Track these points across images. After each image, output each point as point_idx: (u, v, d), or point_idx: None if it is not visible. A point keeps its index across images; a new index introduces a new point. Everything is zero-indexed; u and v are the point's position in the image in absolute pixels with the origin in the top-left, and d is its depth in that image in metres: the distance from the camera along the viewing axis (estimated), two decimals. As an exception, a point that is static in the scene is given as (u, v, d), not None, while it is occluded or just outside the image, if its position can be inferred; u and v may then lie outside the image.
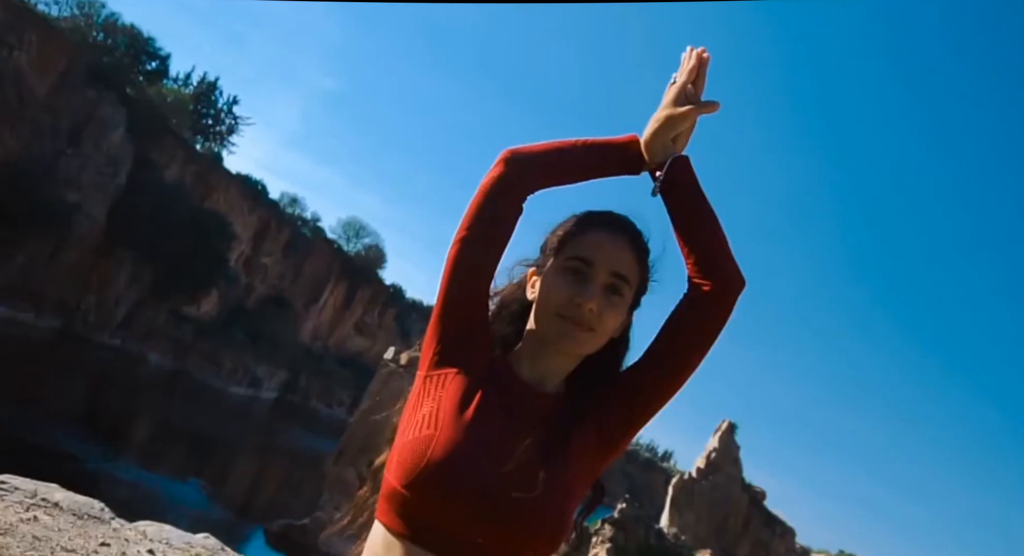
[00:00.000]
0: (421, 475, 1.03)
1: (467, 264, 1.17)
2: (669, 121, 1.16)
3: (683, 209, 1.18)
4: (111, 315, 37.18)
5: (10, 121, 30.57)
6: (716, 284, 1.15)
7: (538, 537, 1.04)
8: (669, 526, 27.29)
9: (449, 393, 1.11)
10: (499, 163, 1.18)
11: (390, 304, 60.98)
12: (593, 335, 1.13)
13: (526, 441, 1.07)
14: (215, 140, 44.37)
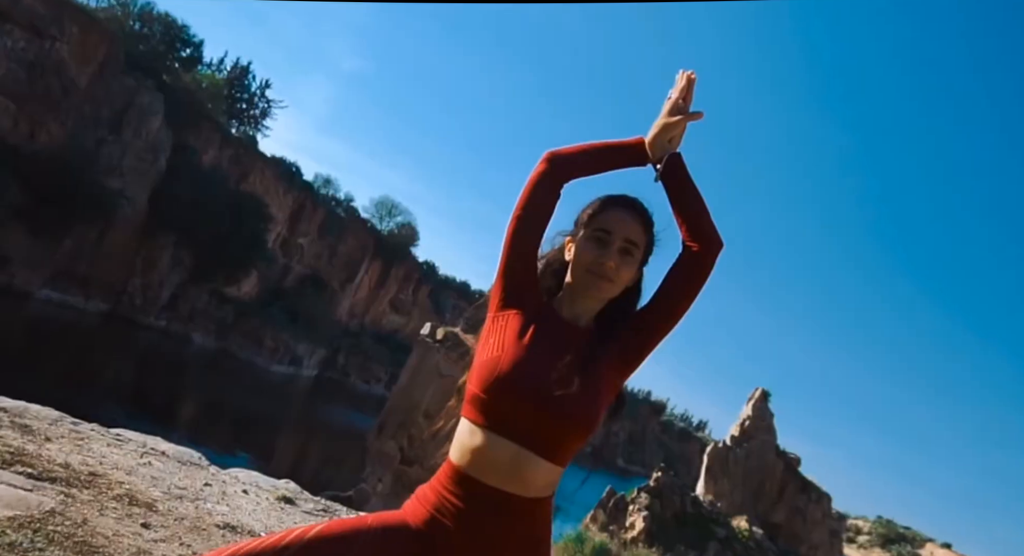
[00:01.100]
0: (493, 383, 1.49)
1: (521, 236, 1.63)
2: (666, 127, 1.61)
3: (677, 192, 1.63)
4: (156, 297, 38.23)
5: (54, 111, 31.44)
6: (702, 246, 1.60)
7: (575, 423, 1.49)
8: (705, 494, 27.63)
9: (510, 327, 1.57)
10: (543, 161, 1.64)
11: (424, 281, 61.72)
12: (613, 285, 1.59)
13: (566, 359, 1.52)
14: (249, 124, 45.05)
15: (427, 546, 1.48)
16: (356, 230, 53.07)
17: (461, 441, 1.52)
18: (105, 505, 2.99)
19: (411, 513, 1.53)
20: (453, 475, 1.51)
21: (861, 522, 77.22)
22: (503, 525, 1.47)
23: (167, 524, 3.07)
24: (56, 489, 2.92)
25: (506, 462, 1.47)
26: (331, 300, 52.21)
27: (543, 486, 1.50)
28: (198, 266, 39.22)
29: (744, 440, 30.47)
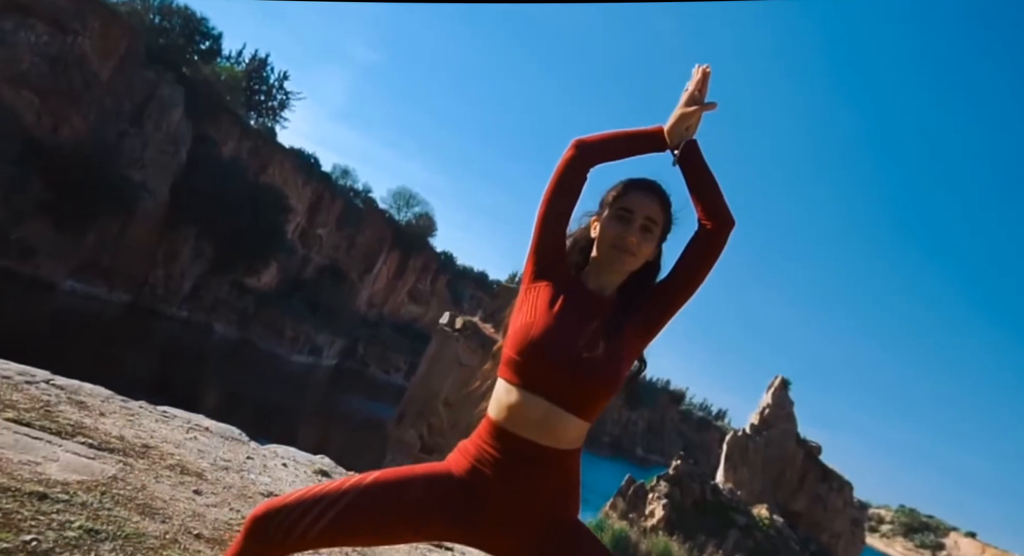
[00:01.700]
0: (526, 346, 1.63)
1: (551, 215, 1.77)
2: (683, 117, 1.74)
3: (693, 175, 1.76)
4: (178, 288, 38.65)
5: (77, 104, 31.80)
6: (716, 224, 1.73)
7: (600, 383, 1.62)
8: (724, 482, 27.66)
9: (542, 297, 1.71)
10: (571, 148, 1.78)
11: (442, 271, 61.96)
12: (635, 258, 1.74)
13: (593, 325, 1.66)
14: (268, 116, 45.33)
15: (469, 493, 1.62)
16: (374, 221, 53.34)
17: (498, 399, 1.66)
18: (160, 473, 3.13)
19: (455, 464, 1.67)
20: (491, 429, 1.65)
21: (884, 511, 76.96)
22: (537, 474, 1.61)
23: (216, 491, 3.21)
24: (115, 458, 3.07)
25: (539, 417, 1.60)
26: (350, 290, 52.55)
27: (572, 439, 1.64)
28: (219, 257, 39.59)
29: (764, 428, 30.44)
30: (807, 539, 26.65)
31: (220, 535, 2.74)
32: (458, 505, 1.61)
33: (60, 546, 2.17)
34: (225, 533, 2.78)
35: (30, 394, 3.41)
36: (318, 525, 1.55)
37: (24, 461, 2.68)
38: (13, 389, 3.38)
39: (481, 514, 1.61)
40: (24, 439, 2.87)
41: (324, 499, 1.58)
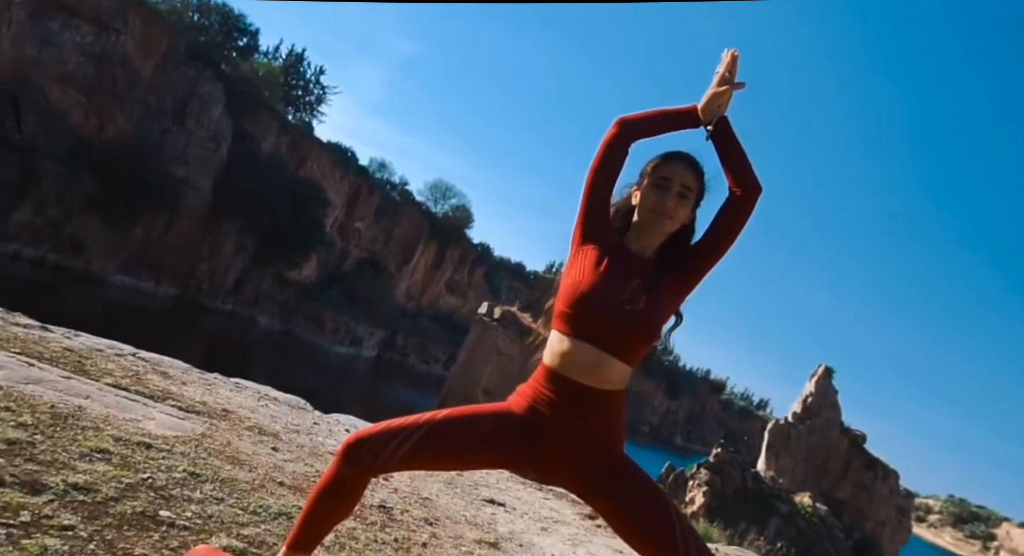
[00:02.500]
0: (577, 301, 1.86)
1: (597, 186, 2.00)
2: (715, 96, 1.95)
3: (724, 147, 1.97)
4: (222, 282, 39.43)
5: (121, 103, 32.59)
6: (745, 191, 1.94)
7: (642, 332, 1.85)
8: (766, 470, 27.60)
9: (589, 258, 1.93)
10: (614, 126, 2.01)
11: (479, 263, 62.26)
12: (672, 222, 1.95)
13: (635, 282, 1.88)
14: (305, 110, 45.88)
15: (527, 429, 1.85)
16: (411, 213, 53.78)
17: (552, 347, 1.90)
18: (241, 433, 3.44)
19: (515, 404, 1.91)
20: (546, 374, 1.89)
21: (932, 501, 75.83)
22: (587, 412, 1.85)
23: (291, 449, 3.51)
24: (201, 419, 3.38)
25: (588, 362, 1.84)
26: (388, 282, 53.09)
27: (618, 381, 1.87)
28: (261, 251, 40.28)
29: (807, 417, 30.27)
30: (851, 527, 26.50)
31: (299, 484, 3.04)
32: (518, 439, 1.86)
33: (171, 484, 2.46)
34: (303, 482, 3.07)
35: (122, 365, 3.74)
36: (399, 452, 1.81)
37: (127, 418, 2.99)
38: (107, 360, 3.71)
39: (538, 447, 1.85)
40: (124, 401, 3.19)
41: (404, 430, 1.84)
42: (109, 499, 2.17)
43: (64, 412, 2.76)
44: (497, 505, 3.90)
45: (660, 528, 1.78)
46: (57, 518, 1.93)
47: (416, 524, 3.11)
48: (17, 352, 3.28)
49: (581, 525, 4.10)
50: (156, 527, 2.12)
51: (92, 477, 2.26)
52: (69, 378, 3.18)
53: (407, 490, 3.56)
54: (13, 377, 2.93)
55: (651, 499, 1.83)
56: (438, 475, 4.07)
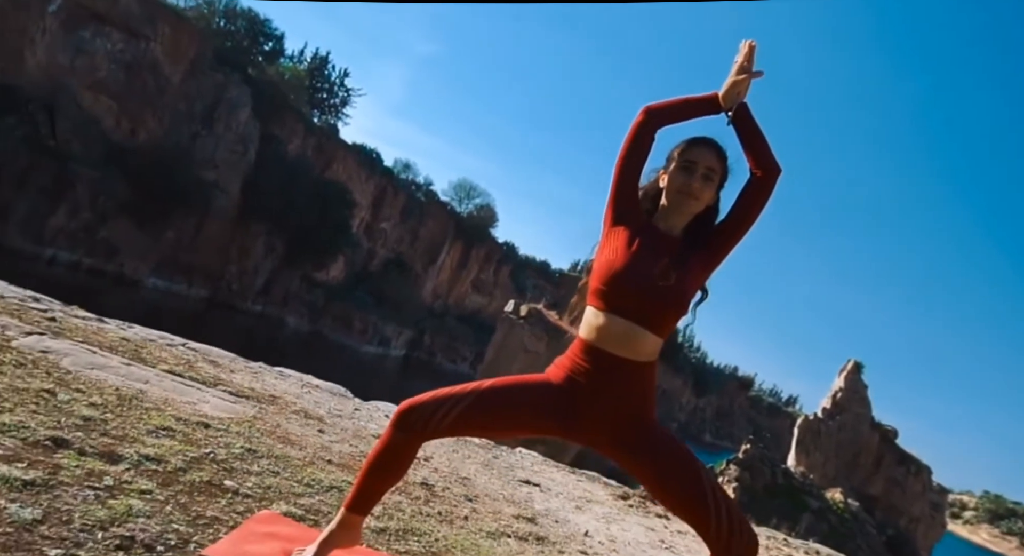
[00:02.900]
0: (610, 277, 1.99)
1: (626, 171, 2.13)
2: (735, 84, 2.08)
3: (745, 132, 2.10)
4: (251, 283, 39.96)
5: (152, 108, 33.16)
6: (765, 172, 2.07)
7: (672, 306, 1.99)
8: (796, 466, 27.45)
9: (620, 238, 2.07)
10: (641, 113, 2.14)
11: (504, 262, 62.42)
12: (698, 202, 2.08)
13: (664, 260, 2.01)
14: (330, 113, 46.30)
15: (565, 398, 1.99)
16: (436, 213, 54.08)
17: (587, 322, 2.04)
18: (288, 416, 3.62)
19: (553, 375, 2.05)
20: (582, 347, 2.03)
21: (967, 497, 74.73)
22: (620, 381, 1.99)
23: (336, 432, 3.69)
24: (251, 403, 3.56)
25: (622, 335, 1.98)
26: (415, 282, 53.43)
27: (649, 352, 2.01)
28: (289, 252, 40.74)
29: (836, 412, 30.04)
30: (884, 523, 26.28)
31: (346, 462, 3.21)
32: (556, 408, 2.00)
33: (231, 458, 2.64)
34: (349, 461, 3.24)
35: (174, 353, 3.94)
36: (447, 419, 1.97)
37: (185, 401, 3.18)
38: (160, 349, 3.91)
39: (574, 415, 2.00)
40: (179, 385, 3.38)
41: (452, 398, 1.99)
42: (178, 469, 2.35)
43: (128, 394, 2.95)
44: (532, 485, 4.05)
45: (691, 485, 1.92)
46: (135, 484, 2.11)
47: (457, 500, 3.27)
48: (80, 341, 3.49)
49: (614, 505, 4.24)
50: (222, 494, 2.30)
51: (161, 450, 2.44)
52: (129, 365, 3.38)
53: (447, 470, 3.73)
54: (79, 362, 3.13)
55: (681, 460, 1.97)
56: (475, 457, 4.23)
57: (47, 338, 3.30)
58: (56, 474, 1.98)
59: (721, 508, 1.90)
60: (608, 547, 3.32)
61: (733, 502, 1.95)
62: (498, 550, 2.76)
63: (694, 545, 3.78)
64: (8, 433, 2.13)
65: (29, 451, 2.08)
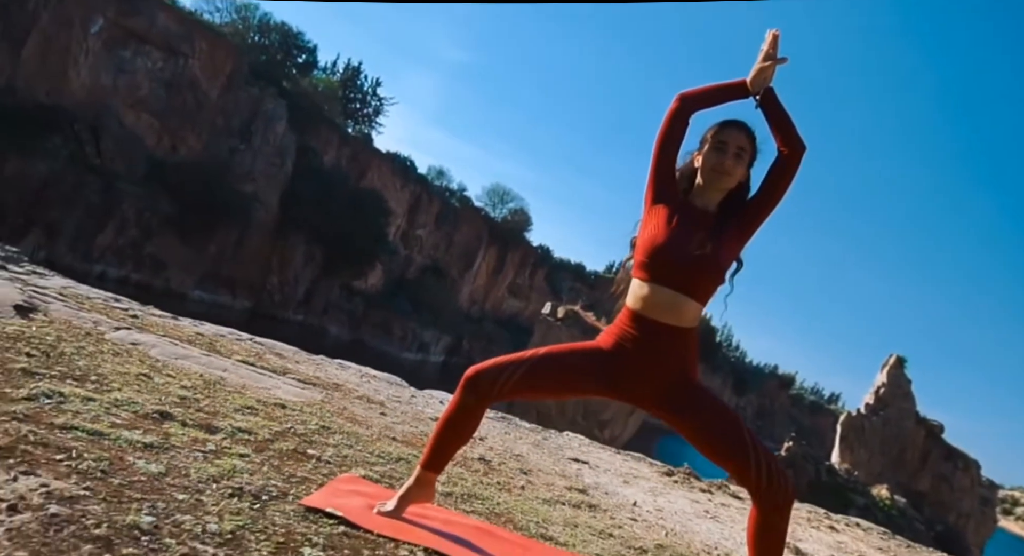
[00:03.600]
0: (653, 251, 2.21)
1: (664, 154, 2.35)
2: (761, 70, 2.29)
3: (772, 114, 2.30)
4: (292, 293, 40.61)
5: (191, 124, 33.97)
6: (791, 150, 2.26)
7: (711, 274, 2.19)
8: (840, 463, 27.18)
9: (661, 216, 2.28)
10: (676, 100, 2.35)
11: (539, 265, 62.57)
12: (731, 178, 2.28)
13: (701, 233, 2.22)
14: (364, 122, 46.93)
15: (615, 362, 2.22)
16: (471, 218, 54.46)
17: (634, 292, 2.26)
18: (353, 401, 3.89)
19: (603, 342, 2.28)
20: (629, 315, 2.25)
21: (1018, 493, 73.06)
22: (665, 346, 2.21)
23: (397, 414, 3.95)
24: (318, 390, 3.84)
25: (665, 302, 2.19)
26: (452, 288, 53.85)
27: (691, 318, 2.22)
28: (328, 262, 41.33)
29: (880, 408, 29.67)
30: (932, 519, 25.90)
31: (408, 439, 3.46)
32: (606, 371, 2.23)
33: (309, 433, 2.91)
34: (412, 439, 3.49)
35: (244, 346, 4.23)
36: (510, 382, 2.20)
37: (260, 387, 3.46)
38: (231, 343, 4.21)
39: (623, 377, 2.22)
40: (253, 374, 3.67)
41: (513, 364, 2.23)
42: (267, 439, 2.62)
43: (211, 380, 3.24)
44: (581, 463, 4.28)
45: (733, 438, 2.13)
46: (234, 449, 2.38)
47: (512, 473, 3.51)
48: (161, 335, 3.79)
49: (659, 481, 4.45)
50: (307, 460, 2.56)
51: (249, 424, 2.71)
52: (207, 355, 3.68)
53: (501, 448, 3.97)
54: (165, 353, 3.43)
55: (723, 416, 2.19)
56: (526, 438, 4.46)
57: (134, 332, 3.61)
58: (168, 439, 2.26)
59: (760, 458, 2.11)
60: (656, 515, 3.54)
61: (772, 454, 2.15)
62: (554, 514, 2.99)
63: (737, 516, 3.97)
64: (122, 407, 2.42)
65: (142, 421, 2.36)
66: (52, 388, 2.35)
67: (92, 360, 2.88)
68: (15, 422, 1.99)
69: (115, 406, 2.40)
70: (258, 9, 39.27)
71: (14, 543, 1.38)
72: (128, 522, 1.60)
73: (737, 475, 2.14)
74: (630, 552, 2.77)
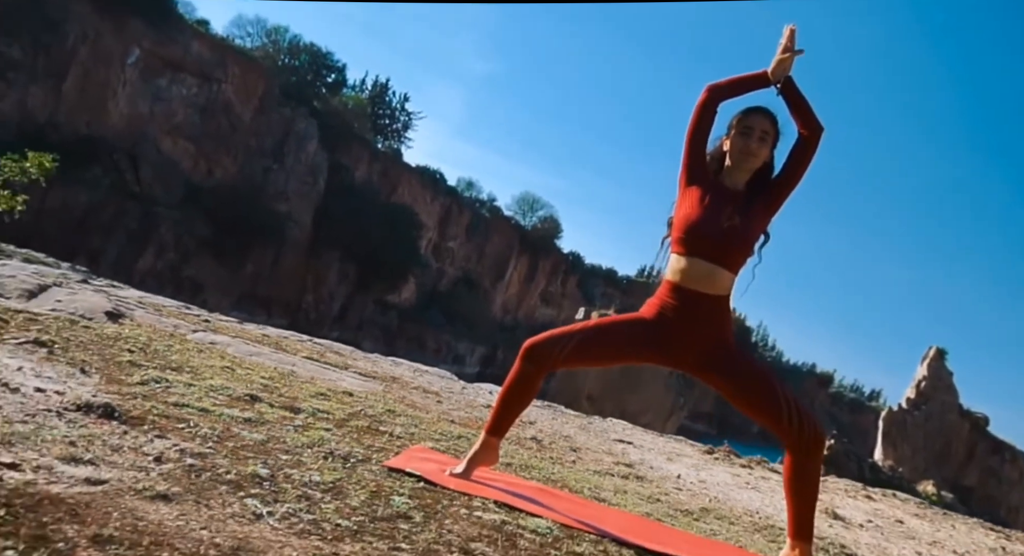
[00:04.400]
0: (688, 227, 2.47)
1: (696, 140, 2.60)
2: (780, 62, 2.54)
3: (792, 100, 2.55)
4: (328, 310, 41.19)
5: (226, 147, 34.78)
6: (811, 132, 2.52)
7: (741, 245, 2.45)
8: (883, 460, 26.95)
9: (694, 196, 2.53)
10: (705, 92, 2.61)
11: (571, 272, 62.68)
12: (756, 159, 2.53)
13: (730, 209, 2.47)
14: (393, 138, 47.56)
15: (658, 330, 2.47)
16: (501, 228, 54.82)
17: (672, 266, 2.52)
18: (410, 391, 4.19)
19: (645, 312, 2.54)
20: (669, 287, 2.52)
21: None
22: (701, 312, 2.46)
23: (452, 402, 4.25)
24: (378, 382, 4.15)
25: (701, 273, 2.45)
26: (484, 298, 54.21)
27: (724, 287, 2.48)
28: (361, 278, 41.85)
29: (922, 402, 29.33)
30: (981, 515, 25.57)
31: (465, 422, 3.75)
32: (651, 338, 2.49)
33: (378, 415, 3.21)
34: (468, 422, 3.78)
35: (306, 346, 4.56)
36: (564, 351, 2.47)
37: (327, 378, 3.77)
38: (295, 343, 4.54)
39: (666, 343, 2.48)
40: (319, 368, 3.98)
41: (567, 335, 2.50)
42: (343, 418, 2.91)
43: (284, 372, 3.56)
44: (626, 443, 4.54)
45: (765, 391, 2.39)
46: (318, 425, 2.68)
47: (562, 450, 3.78)
48: (233, 336, 4.12)
49: (701, 458, 4.69)
50: (381, 434, 2.85)
51: (325, 406, 3.02)
52: (276, 352, 4.00)
53: (550, 431, 4.24)
54: (240, 351, 3.75)
55: (757, 372, 2.44)
56: (572, 423, 4.73)
57: (210, 334, 3.94)
58: (262, 416, 2.56)
59: (792, 408, 2.36)
60: (699, 486, 3.78)
61: (803, 405, 2.40)
62: (604, 483, 3.25)
63: (777, 487, 4.18)
64: (218, 391, 2.73)
65: (237, 402, 2.66)
66: (159, 375, 2.67)
67: (182, 355, 3.20)
68: (139, 399, 2.31)
69: (212, 390, 2.71)
70: (288, 31, 40.13)
71: (168, 483, 1.68)
72: (249, 472, 1.90)
73: (772, 425, 2.39)
74: (677, 514, 3.02)
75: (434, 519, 1.94)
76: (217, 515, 1.56)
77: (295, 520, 1.66)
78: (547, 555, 1.92)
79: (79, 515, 1.36)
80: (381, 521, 1.81)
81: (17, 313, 3.08)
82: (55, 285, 3.82)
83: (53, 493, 1.43)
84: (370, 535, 1.69)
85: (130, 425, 2.03)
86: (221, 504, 1.64)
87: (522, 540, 1.97)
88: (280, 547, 1.47)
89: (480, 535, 1.91)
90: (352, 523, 1.73)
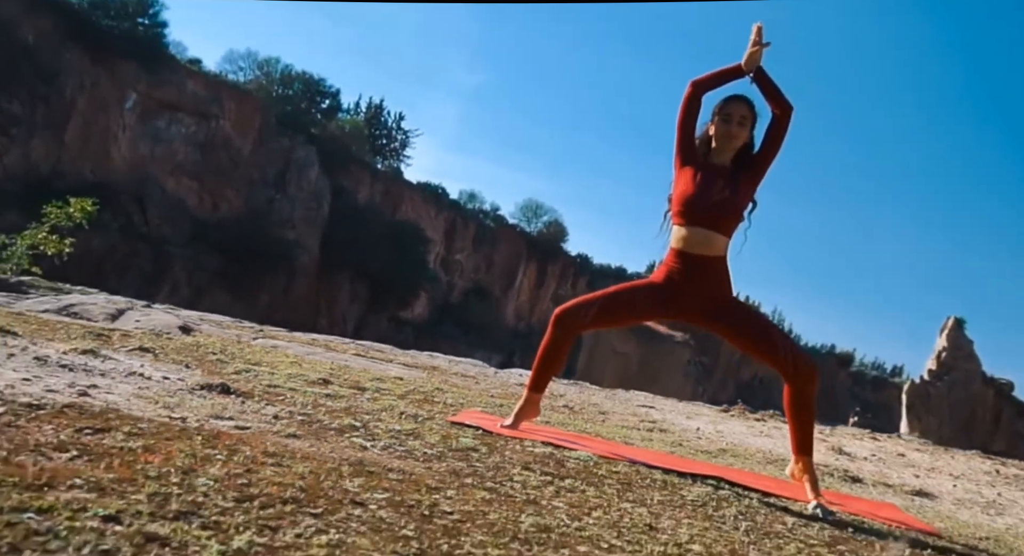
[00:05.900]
0: (685, 201, 2.93)
1: (686, 128, 3.06)
2: (751, 55, 3.00)
3: (764, 87, 3.01)
4: (343, 332, 41.59)
5: (230, 181, 35.38)
6: (783, 112, 2.98)
7: (731, 212, 2.91)
8: (910, 433, 27.19)
9: (688, 174, 2.99)
10: (689, 86, 3.07)
11: (580, 274, 62.86)
12: (737, 141, 2.98)
13: (720, 182, 2.92)
14: (392, 157, 48.08)
15: (668, 291, 2.92)
16: (508, 236, 55.19)
17: (675, 236, 2.98)
18: (449, 377, 4.66)
19: (656, 277, 3.00)
20: (674, 253, 2.97)
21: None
22: (704, 273, 2.92)
23: (488, 383, 4.72)
24: (420, 370, 4.63)
25: (700, 239, 2.91)
26: (496, 307, 54.63)
27: (721, 248, 2.93)
28: (373, 297, 42.31)
29: (944, 373, 29.45)
30: (1012, 480, 25.76)
31: (504, 397, 4.20)
32: (662, 298, 2.95)
33: (429, 391, 3.67)
34: (503, 400, 4.24)
35: (351, 347, 5.04)
36: (590, 315, 2.94)
37: (378, 369, 4.25)
38: (340, 344, 5.02)
39: (675, 301, 2.93)
40: (368, 362, 4.46)
41: (590, 301, 2.96)
42: (402, 394, 3.38)
43: (340, 365, 4.03)
44: (648, 407, 5.00)
45: (763, 334, 2.85)
46: (383, 397, 3.14)
47: (592, 414, 4.24)
48: (289, 341, 4.60)
49: (717, 416, 5.14)
50: (436, 403, 3.32)
51: (385, 386, 3.49)
52: (328, 352, 4.48)
53: (579, 401, 4.71)
54: (299, 351, 4.24)
55: (755, 320, 2.91)
56: (598, 394, 5.18)
57: (269, 340, 4.43)
58: (337, 393, 3.03)
59: (787, 346, 2.82)
60: (717, 435, 4.24)
61: (796, 345, 2.86)
62: (632, 435, 3.70)
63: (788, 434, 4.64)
64: (297, 377, 3.20)
65: (313, 384, 3.14)
66: (245, 367, 3.15)
67: (255, 355, 3.68)
68: (241, 383, 2.78)
69: (291, 377, 3.19)
70: (279, 62, 40.78)
71: (292, 428, 2.14)
72: (347, 423, 2.37)
73: (771, 361, 2.84)
74: (698, 453, 3.48)
75: (496, 451, 2.40)
76: (335, 447, 2.03)
77: (392, 450, 2.13)
78: (591, 472, 2.38)
79: (246, 442, 1.82)
80: (456, 451, 2.28)
81: (112, 331, 3.56)
82: (128, 309, 4.31)
83: (222, 431, 1.90)
84: (451, 459, 2.16)
85: (244, 397, 2.51)
86: (335, 440, 2.10)
87: (569, 463, 2.43)
88: (389, 461, 1.94)
89: (535, 459, 2.37)
90: (435, 452, 2.20)
